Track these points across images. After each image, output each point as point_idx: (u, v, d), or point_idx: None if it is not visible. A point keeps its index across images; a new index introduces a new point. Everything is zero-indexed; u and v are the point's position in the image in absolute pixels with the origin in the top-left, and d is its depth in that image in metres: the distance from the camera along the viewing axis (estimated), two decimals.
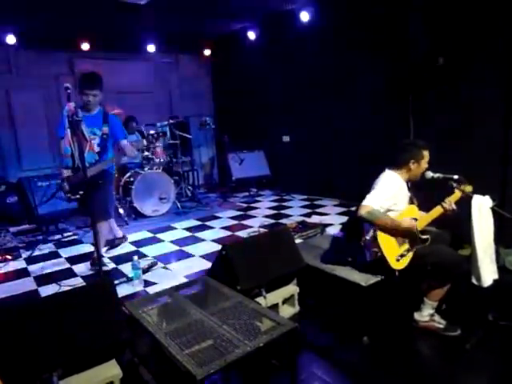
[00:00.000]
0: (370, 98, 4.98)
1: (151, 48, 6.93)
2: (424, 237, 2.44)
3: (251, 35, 6.50)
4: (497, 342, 2.33)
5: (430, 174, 2.59)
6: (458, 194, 2.49)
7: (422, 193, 2.70)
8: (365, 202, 2.42)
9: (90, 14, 5.17)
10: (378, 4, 4.61)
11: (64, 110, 3.30)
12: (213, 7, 5.38)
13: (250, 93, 7.08)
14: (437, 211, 2.49)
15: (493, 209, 2.38)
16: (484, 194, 2.42)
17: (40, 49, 6.15)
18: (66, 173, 3.34)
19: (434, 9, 3.94)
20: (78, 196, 3.29)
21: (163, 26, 6.20)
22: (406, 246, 2.46)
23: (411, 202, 2.67)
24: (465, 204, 2.45)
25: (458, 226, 2.59)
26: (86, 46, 6.31)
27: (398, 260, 2.41)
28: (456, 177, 2.51)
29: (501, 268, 2.78)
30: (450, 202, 2.47)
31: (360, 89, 5.10)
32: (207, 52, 7.71)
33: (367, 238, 2.52)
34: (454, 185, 2.48)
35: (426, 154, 2.56)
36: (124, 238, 4.29)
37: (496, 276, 2.43)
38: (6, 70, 6.05)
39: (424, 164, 2.57)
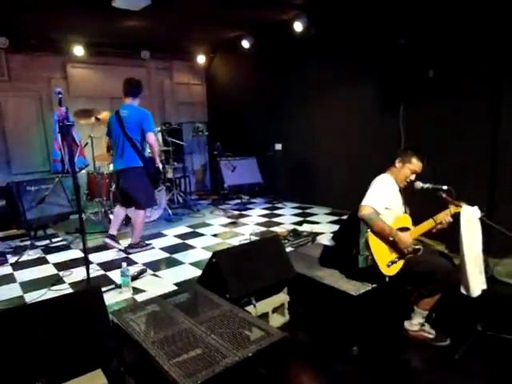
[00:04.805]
0: (360, 108, 5.03)
1: (145, 54, 6.94)
2: (416, 247, 2.46)
3: (245, 44, 6.53)
4: (485, 352, 2.34)
5: (419, 185, 2.60)
6: (451, 209, 2.47)
7: (415, 204, 2.70)
8: (365, 202, 2.43)
9: (84, 18, 5.16)
10: (368, 16, 4.68)
11: (55, 114, 3.28)
12: (209, 16, 5.42)
13: (244, 100, 7.11)
14: (428, 224, 2.49)
15: (481, 219, 2.40)
16: (472, 205, 2.44)
17: (32, 52, 6.12)
18: None
19: (422, 21, 4.02)
20: None
21: (157, 33, 6.22)
22: (398, 253, 2.47)
23: (404, 209, 2.67)
24: (453, 214, 2.47)
25: (447, 236, 2.61)
26: (79, 51, 6.29)
27: (388, 266, 2.42)
28: (445, 187, 2.52)
29: (489, 278, 2.80)
30: (446, 216, 2.46)
31: (351, 99, 5.15)
32: (201, 59, 7.73)
33: (361, 243, 2.51)
34: (443, 195, 2.50)
35: (414, 160, 2.57)
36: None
37: (485, 286, 2.44)
38: None
39: (407, 169, 2.57)
